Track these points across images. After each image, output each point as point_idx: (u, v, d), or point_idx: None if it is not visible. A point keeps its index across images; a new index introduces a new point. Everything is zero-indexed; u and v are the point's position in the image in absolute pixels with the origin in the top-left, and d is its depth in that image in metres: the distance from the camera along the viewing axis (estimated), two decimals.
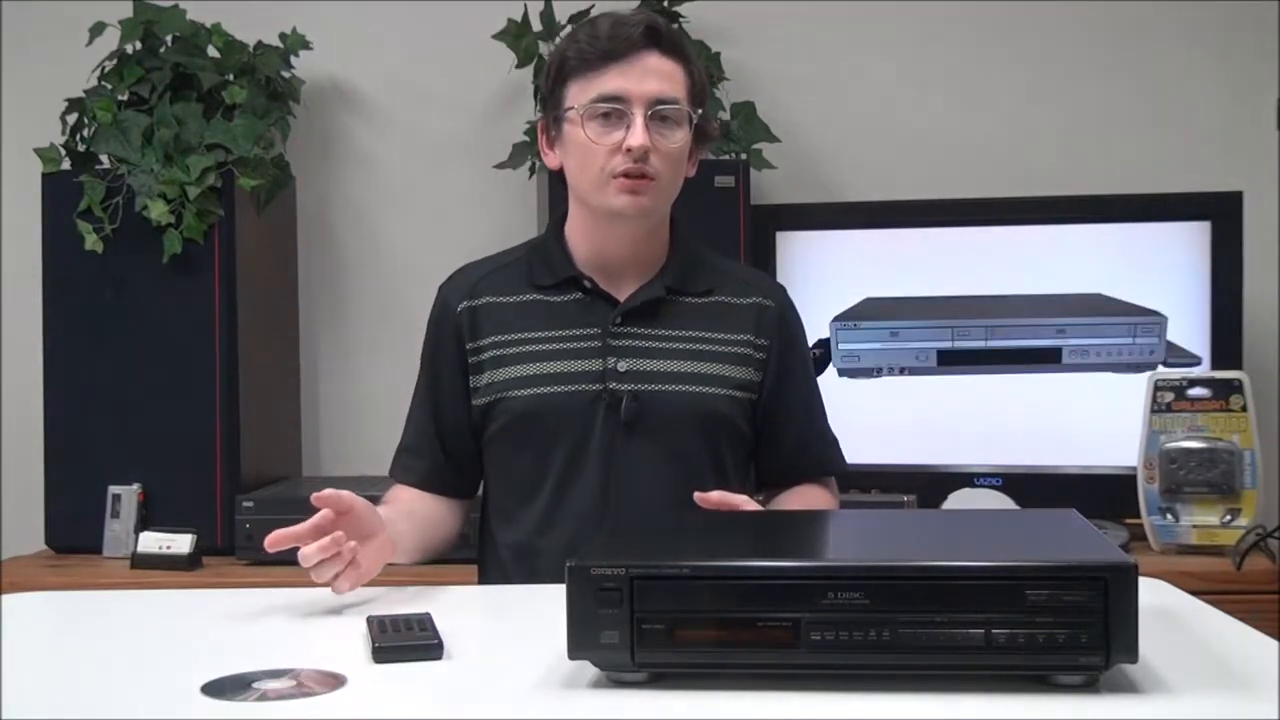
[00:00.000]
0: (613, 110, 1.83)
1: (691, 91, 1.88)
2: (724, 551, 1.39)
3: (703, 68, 1.94)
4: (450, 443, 1.96)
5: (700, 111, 1.89)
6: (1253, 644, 1.40)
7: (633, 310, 1.90)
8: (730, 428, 1.92)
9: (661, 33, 1.86)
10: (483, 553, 2.01)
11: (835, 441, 2.05)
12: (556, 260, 1.93)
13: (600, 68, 1.83)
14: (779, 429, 1.98)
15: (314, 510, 1.69)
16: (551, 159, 1.93)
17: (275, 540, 1.63)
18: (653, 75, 1.84)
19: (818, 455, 2.02)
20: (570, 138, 1.87)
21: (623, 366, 1.88)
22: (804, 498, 2.00)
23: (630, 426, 1.87)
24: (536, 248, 1.99)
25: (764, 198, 2.99)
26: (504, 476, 1.94)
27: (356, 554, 1.63)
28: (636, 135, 1.81)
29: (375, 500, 1.85)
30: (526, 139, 2.92)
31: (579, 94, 1.85)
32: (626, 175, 1.83)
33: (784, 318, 1.99)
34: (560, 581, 1.47)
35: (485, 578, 2.00)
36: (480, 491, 2.01)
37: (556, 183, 1.96)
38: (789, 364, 1.98)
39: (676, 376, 1.89)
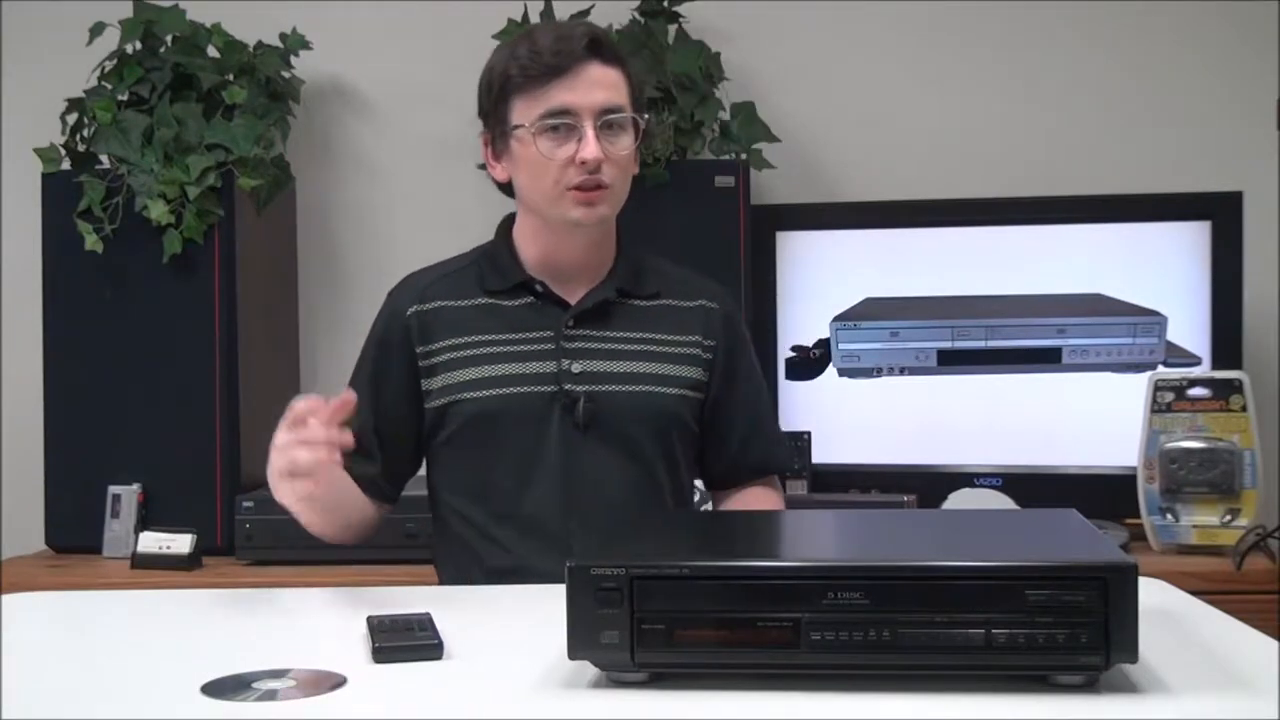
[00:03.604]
0: (562, 124, 1.85)
1: (633, 96, 1.92)
2: (724, 551, 1.39)
3: (638, 71, 1.98)
4: (390, 447, 1.96)
5: (646, 116, 1.94)
6: (1253, 644, 1.40)
7: (585, 313, 1.94)
8: (682, 426, 1.96)
9: (602, 42, 1.89)
10: (439, 554, 2.02)
11: (782, 440, 2.12)
12: (506, 265, 1.96)
13: (545, 83, 1.85)
14: (724, 428, 2.01)
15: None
16: (499, 172, 1.96)
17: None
18: (598, 86, 1.87)
19: (762, 453, 2.05)
20: (520, 154, 1.89)
21: (576, 368, 1.91)
22: (751, 502, 2.04)
23: (586, 427, 1.89)
24: (485, 253, 2.01)
25: (764, 198, 2.98)
26: (458, 479, 1.95)
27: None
28: (590, 148, 1.84)
29: None
30: None
31: (525, 110, 1.87)
32: (580, 188, 1.86)
33: (729, 319, 2.03)
34: (520, 581, 1.47)
35: (444, 578, 2.00)
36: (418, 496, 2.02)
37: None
38: (735, 364, 2.02)
39: (630, 377, 1.92)
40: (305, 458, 1.65)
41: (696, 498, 2.17)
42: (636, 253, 2.02)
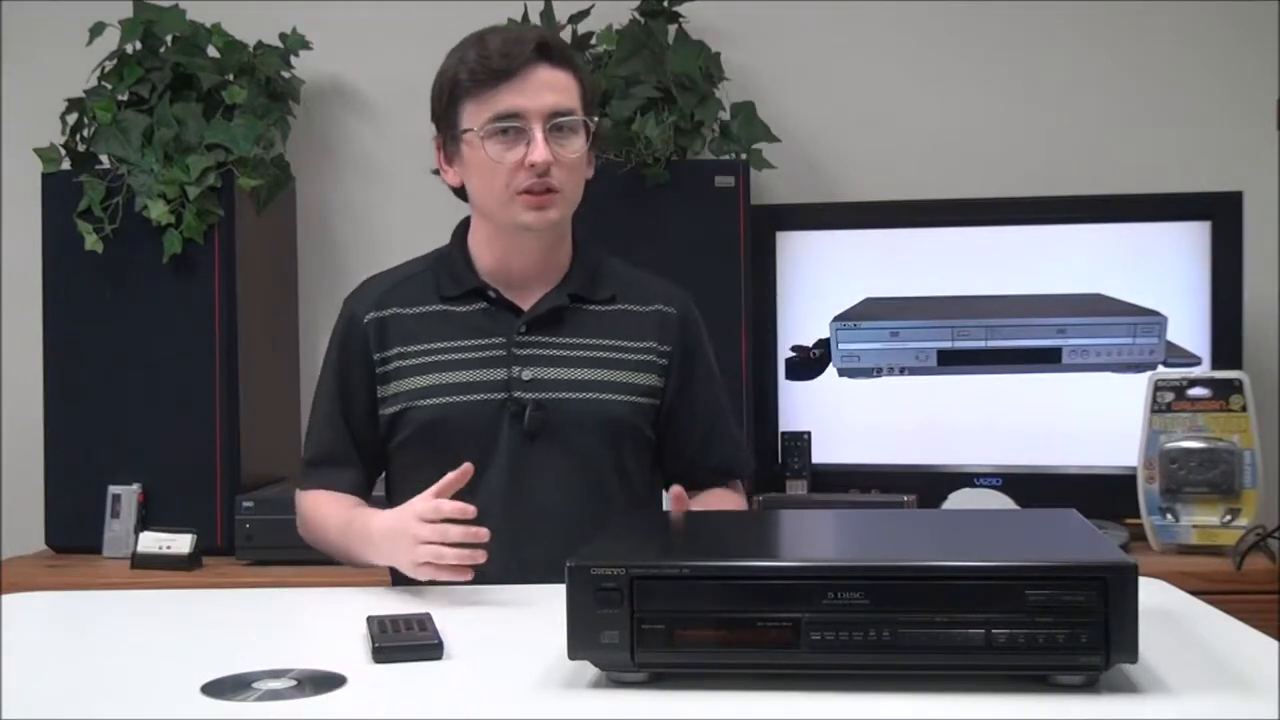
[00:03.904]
0: (511, 127, 1.85)
1: (584, 99, 1.92)
2: (724, 551, 1.39)
3: (590, 74, 1.98)
4: (364, 452, 1.98)
5: (596, 119, 1.93)
6: (1253, 644, 1.40)
7: (537, 319, 1.93)
8: (634, 433, 1.94)
9: (551, 45, 1.89)
10: None
11: (741, 443, 2.09)
12: (460, 271, 1.96)
13: (494, 86, 1.86)
14: (682, 432, 1.99)
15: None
16: (451, 176, 1.96)
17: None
18: (547, 89, 1.87)
19: (722, 457, 2.04)
20: (470, 158, 1.90)
21: (527, 375, 1.90)
22: (712, 504, 2.00)
23: (534, 435, 1.89)
24: (441, 258, 2.01)
25: (764, 198, 2.98)
26: (409, 484, 1.93)
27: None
28: (538, 151, 1.84)
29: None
30: None
31: (475, 114, 1.87)
32: (530, 191, 1.86)
33: (686, 324, 2.01)
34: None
35: (396, 578, 1.97)
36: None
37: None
38: (691, 369, 2.00)
39: (580, 384, 1.91)
40: (454, 556, 1.66)
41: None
42: (593, 256, 2.01)
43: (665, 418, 1.98)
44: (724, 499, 2.03)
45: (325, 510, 1.95)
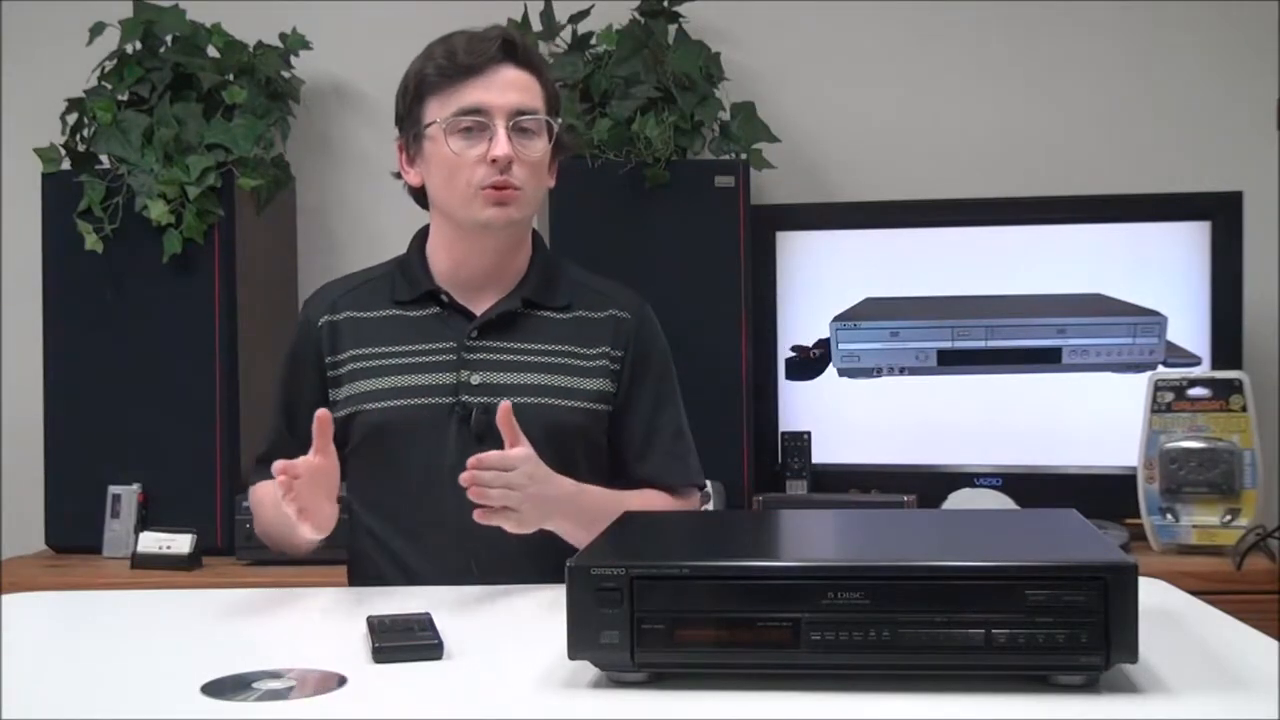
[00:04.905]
0: (474, 123, 1.86)
1: (548, 101, 1.92)
2: (724, 551, 1.39)
3: (553, 79, 1.98)
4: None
5: (559, 120, 1.93)
6: (1253, 644, 1.40)
7: (489, 324, 1.93)
8: (585, 439, 1.92)
9: (517, 46, 1.90)
10: (350, 560, 2.01)
11: (685, 455, 2.01)
12: (416, 275, 1.97)
13: (459, 82, 1.87)
14: (626, 436, 1.96)
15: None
16: (412, 177, 1.97)
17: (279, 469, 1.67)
18: (511, 87, 1.88)
19: (662, 465, 1.98)
20: (432, 154, 1.90)
21: (476, 379, 1.89)
22: (642, 501, 1.94)
23: (482, 438, 1.85)
24: (400, 264, 2.01)
25: (764, 198, 2.98)
26: (363, 489, 1.95)
27: (307, 504, 1.69)
28: (500, 146, 1.85)
29: None
30: None
31: (439, 109, 1.89)
32: (492, 188, 1.86)
33: (640, 328, 1.99)
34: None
35: (355, 580, 1.99)
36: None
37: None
38: (640, 373, 1.97)
39: (529, 389, 1.89)
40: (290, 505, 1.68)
41: (709, 505, 2.14)
42: (550, 262, 2.00)
43: (615, 422, 1.95)
44: (652, 498, 1.97)
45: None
